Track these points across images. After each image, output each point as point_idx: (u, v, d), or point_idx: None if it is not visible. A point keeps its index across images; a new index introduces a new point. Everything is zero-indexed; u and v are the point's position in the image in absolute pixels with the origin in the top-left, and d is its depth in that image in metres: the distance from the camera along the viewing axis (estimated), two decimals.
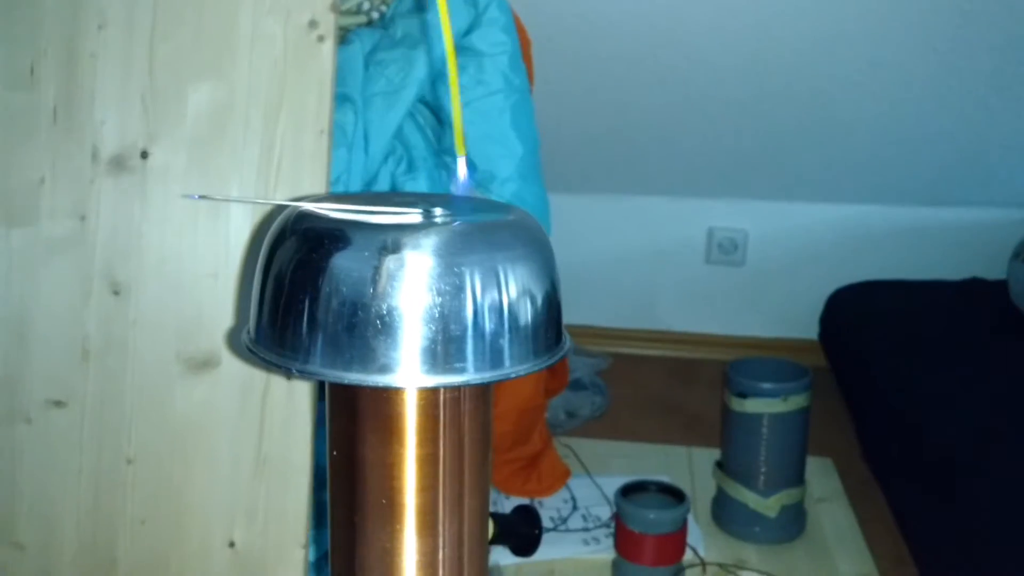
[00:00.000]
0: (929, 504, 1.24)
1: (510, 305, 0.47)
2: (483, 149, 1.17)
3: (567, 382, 1.67)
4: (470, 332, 0.46)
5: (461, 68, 1.16)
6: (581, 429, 1.75)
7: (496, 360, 0.47)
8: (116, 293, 1.07)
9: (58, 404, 1.08)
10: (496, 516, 1.23)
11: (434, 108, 1.19)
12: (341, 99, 1.14)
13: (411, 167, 1.17)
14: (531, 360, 0.49)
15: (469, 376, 0.47)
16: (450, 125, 1.18)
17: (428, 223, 0.47)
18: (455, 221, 0.48)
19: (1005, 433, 1.22)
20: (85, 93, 1.08)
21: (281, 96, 1.05)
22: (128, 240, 1.07)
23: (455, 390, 0.50)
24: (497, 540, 1.23)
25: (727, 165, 2.04)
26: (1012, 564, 0.99)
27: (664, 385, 2.03)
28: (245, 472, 1.06)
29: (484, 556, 0.56)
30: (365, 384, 0.46)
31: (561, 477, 1.47)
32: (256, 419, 1.05)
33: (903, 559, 1.30)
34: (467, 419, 0.51)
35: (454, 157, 1.20)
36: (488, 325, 0.47)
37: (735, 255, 2.15)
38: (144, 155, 1.07)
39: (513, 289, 0.48)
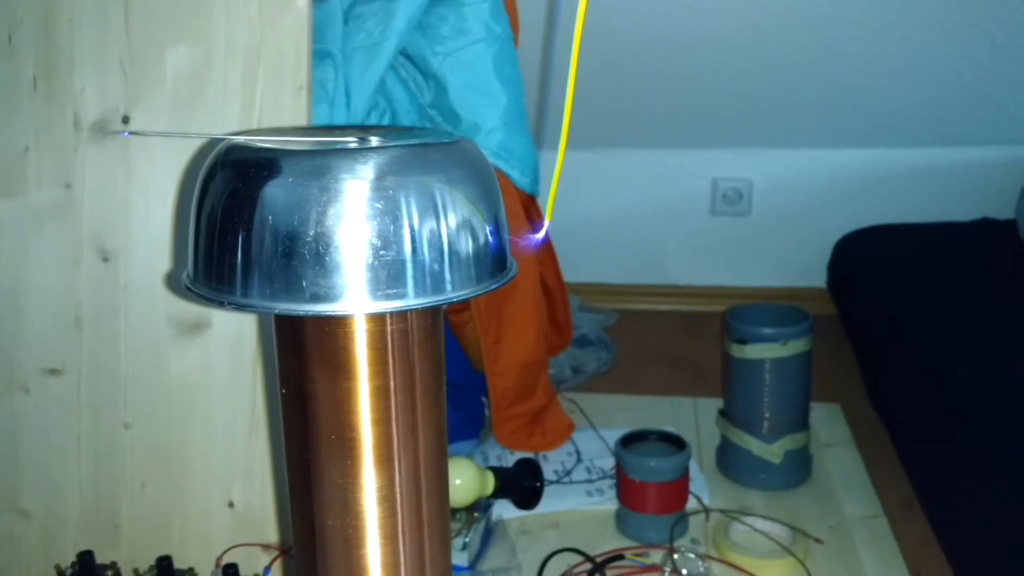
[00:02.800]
0: (937, 446, 1.22)
1: (448, 229, 0.46)
2: (467, 100, 1.16)
3: (571, 339, 1.66)
4: (408, 257, 0.45)
5: (441, 18, 1.15)
6: (587, 384, 1.74)
7: (437, 284, 0.46)
8: (105, 260, 1.07)
9: (54, 372, 1.09)
10: (498, 470, 1.23)
11: (416, 60, 1.17)
12: (321, 55, 1.12)
13: (395, 121, 1.16)
14: (474, 284, 0.48)
15: (409, 301, 0.46)
16: (433, 76, 1.16)
17: (360, 148, 0.46)
18: (388, 145, 0.47)
19: (1018, 374, 1.19)
20: (64, 60, 1.08)
21: (258, 54, 1.04)
22: (114, 206, 1.07)
23: (401, 321, 0.49)
24: (499, 494, 1.23)
25: (729, 114, 2.01)
26: (1021, 502, 0.98)
27: (671, 339, 2.02)
28: (241, 432, 1.06)
29: (444, 491, 0.55)
30: (296, 313, 0.45)
31: (565, 431, 1.47)
32: (249, 379, 1.06)
33: (910, 502, 1.29)
34: (416, 351, 0.51)
35: (438, 110, 1.20)
36: (427, 249, 0.46)
37: (740, 205, 2.12)
38: (126, 120, 1.07)
39: (451, 213, 0.46)
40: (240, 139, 0.48)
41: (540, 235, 0.51)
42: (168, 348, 1.07)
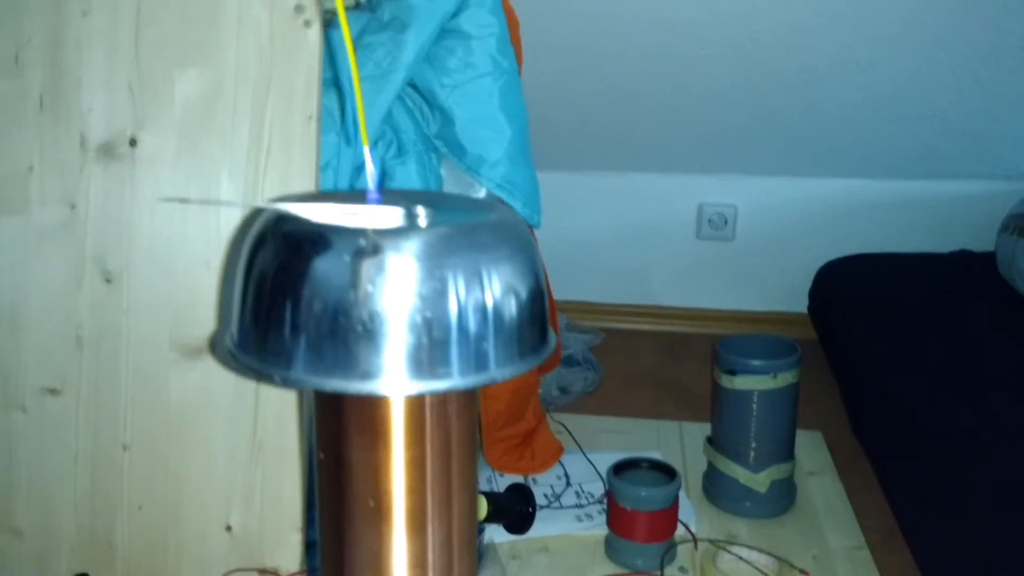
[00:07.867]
0: (918, 477, 1.25)
1: (494, 307, 0.47)
2: (472, 132, 1.17)
3: (560, 359, 1.68)
4: (454, 337, 0.46)
5: (449, 51, 1.16)
6: (574, 405, 1.76)
7: (481, 363, 0.48)
8: (108, 281, 1.07)
9: (53, 392, 1.09)
10: (490, 495, 1.25)
11: (423, 91, 1.18)
12: (330, 84, 1.13)
13: (401, 151, 1.17)
14: (516, 361, 0.49)
15: (454, 381, 0.47)
16: (439, 108, 1.17)
17: (409, 226, 0.48)
18: (437, 223, 0.48)
19: (996, 404, 1.23)
20: (71, 80, 1.08)
21: (269, 81, 1.05)
22: (119, 228, 1.07)
23: (441, 395, 0.51)
24: (491, 519, 1.24)
25: (717, 141, 2.04)
26: (1004, 534, 1.00)
27: (656, 360, 2.05)
28: (241, 457, 1.07)
29: (473, 557, 0.57)
30: (347, 391, 0.46)
31: (555, 454, 1.48)
32: (250, 405, 1.06)
33: (892, 531, 1.32)
34: (454, 421, 0.52)
35: (443, 141, 1.21)
36: (472, 329, 0.47)
37: (725, 230, 2.16)
38: (132, 142, 1.07)
39: (497, 291, 0.48)
40: (289, 208, 0.49)
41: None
42: (169, 371, 1.07)
